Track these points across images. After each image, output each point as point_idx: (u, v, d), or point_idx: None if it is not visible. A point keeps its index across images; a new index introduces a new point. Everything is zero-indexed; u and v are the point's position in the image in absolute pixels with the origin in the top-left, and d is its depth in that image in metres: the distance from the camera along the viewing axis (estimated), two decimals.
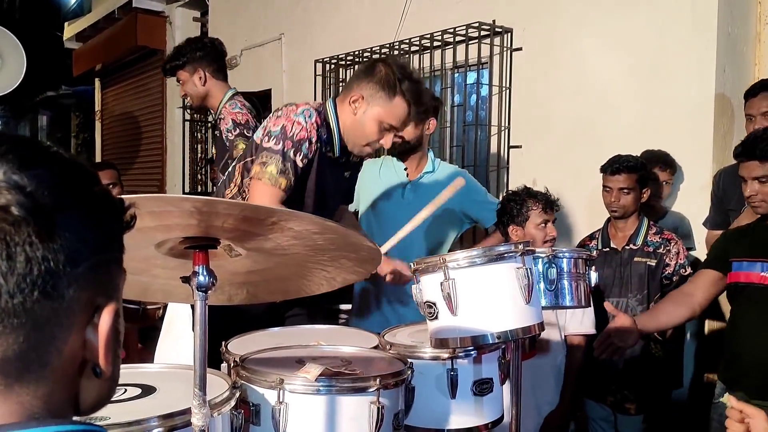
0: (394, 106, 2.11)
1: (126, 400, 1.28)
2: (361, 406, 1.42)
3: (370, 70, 2.15)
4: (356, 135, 2.16)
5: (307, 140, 2.07)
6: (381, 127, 2.13)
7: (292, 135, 2.06)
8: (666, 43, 3.34)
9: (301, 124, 2.08)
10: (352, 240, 1.06)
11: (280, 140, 2.06)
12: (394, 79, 2.09)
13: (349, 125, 2.16)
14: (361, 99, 2.12)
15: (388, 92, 2.10)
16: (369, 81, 2.12)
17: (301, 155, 2.07)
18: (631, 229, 2.88)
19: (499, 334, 1.43)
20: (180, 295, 1.31)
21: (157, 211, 0.93)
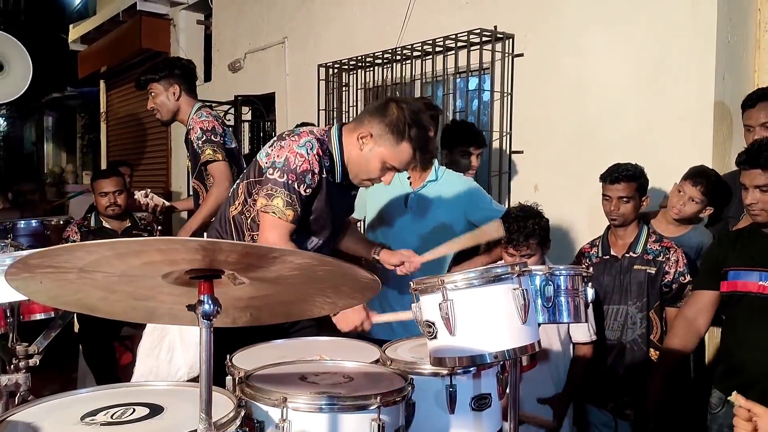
0: (400, 151, 2.17)
1: (135, 420, 1.32)
2: (362, 423, 1.46)
3: (383, 109, 2.20)
4: (359, 169, 2.23)
5: (310, 172, 2.14)
6: (384, 167, 2.20)
7: (295, 168, 2.12)
8: (666, 50, 3.36)
9: (304, 156, 2.14)
10: (349, 272, 1.10)
11: (284, 173, 2.12)
12: (404, 124, 2.14)
13: (354, 158, 2.22)
14: (369, 137, 2.18)
15: (397, 136, 2.15)
16: (380, 121, 2.17)
17: (304, 186, 2.14)
18: (631, 236, 2.91)
19: (497, 353, 1.46)
20: (186, 317, 1.35)
21: (164, 249, 0.97)
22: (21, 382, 1.54)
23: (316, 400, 1.46)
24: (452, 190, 3.00)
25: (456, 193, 2.98)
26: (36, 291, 1.13)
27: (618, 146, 3.41)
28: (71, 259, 0.99)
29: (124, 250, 0.96)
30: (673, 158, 3.30)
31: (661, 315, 2.85)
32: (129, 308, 1.29)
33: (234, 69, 6.90)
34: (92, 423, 1.31)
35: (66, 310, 1.71)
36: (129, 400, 1.44)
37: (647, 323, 2.84)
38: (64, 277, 1.09)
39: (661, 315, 2.85)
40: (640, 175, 2.88)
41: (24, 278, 1.06)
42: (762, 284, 2.36)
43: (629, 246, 2.89)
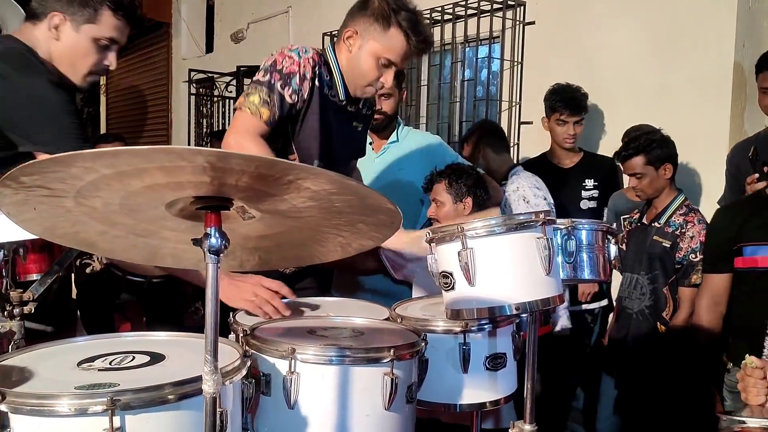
0: (390, 38, 1.97)
1: (135, 367, 1.25)
2: (374, 377, 1.39)
3: (363, 3, 2.02)
4: (354, 74, 2.04)
5: (298, 75, 1.94)
6: (378, 63, 2.00)
7: (282, 68, 1.93)
8: (684, 16, 3.26)
9: (293, 58, 1.95)
10: (371, 202, 1.01)
11: (268, 72, 1.94)
12: (389, 9, 1.96)
13: (346, 64, 2.04)
14: (355, 34, 2.00)
15: (383, 24, 1.96)
16: (362, 15, 1.99)
17: (289, 90, 1.94)
18: (662, 205, 2.84)
19: (518, 305, 1.38)
20: (190, 260, 1.27)
21: (169, 167, 0.88)
22: (15, 329, 1.46)
23: (325, 351, 1.38)
24: (415, 148, 2.88)
25: (419, 153, 2.87)
26: (30, 219, 1.04)
27: (632, 115, 3.32)
28: (66, 178, 0.90)
29: (124, 167, 0.87)
30: (690, 126, 3.22)
31: (675, 292, 2.78)
32: (130, 246, 1.20)
33: (237, 39, 6.78)
34: (89, 369, 1.23)
35: (63, 256, 1.63)
36: (128, 348, 1.37)
37: (656, 297, 2.77)
38: (61, 203, 1.00)
39: (675, 292, 2.78)
40: (647, 145, 2.78)
41: (16, 201, 0.97)
42: None
43: (657, 215, 2.83)
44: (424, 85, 4.57)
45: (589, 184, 3.36)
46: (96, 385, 1.12)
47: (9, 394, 1.04)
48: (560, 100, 3.31)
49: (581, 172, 3.40)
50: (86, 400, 1.04)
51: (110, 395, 1.03)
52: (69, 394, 1.05)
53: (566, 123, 3.32)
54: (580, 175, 3.39)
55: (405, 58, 2.03)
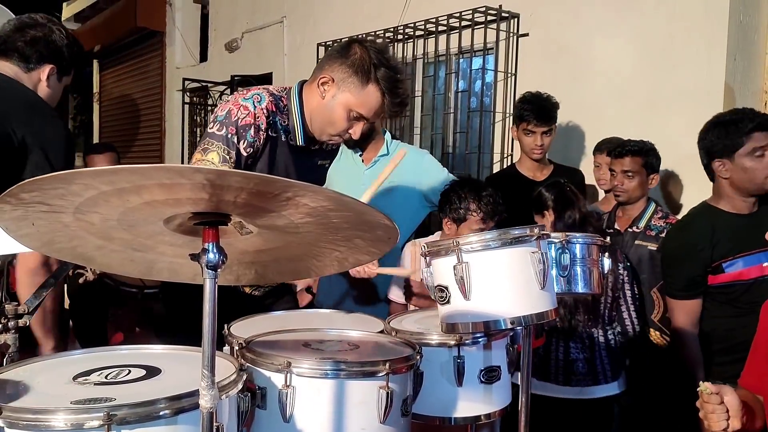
0: (367, 95, 1.89)
1: (131, 381, 1.24)
2: (369, 390, 1.39)
3: (344, 50, 1.93)
4: (323, 120, 1.96)
5: (253, 126, 1.89)
6: (350, 116, 1.92)
7: (236, 120, 1.88)
8: (676, 29, 3.29)
9: (248, 109, 1.89)
10: (368, 218, 1.02)
11: (223, 126, 1.88)
12: (369, 64, 1.88)
13: (315, 109, 1.96)
14: (330, 81, 1.91)
15: (362, 78, 1.88)
16: (342, 63, 1.90)
17: (245, 143, 1.88)
18: (636, 211, 2.86)
19: (513, 319, 1.40)
20: (187, 274, 1.27)
21: (168, 183, 0.89)
22: (10, 342, 1.46)
23: (321, 365, 1.39)
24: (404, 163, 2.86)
25: (408, 167, 2.81)
26: (28, 234, 1.05)
27: (624, 127, 3.33)
28: (66, 194, 0.91)
29: (124, 183, 0.88)
30: (681, 139, 3.23)
31: (664, 295, 2.79)
32: (127, 260, 1.21)
33: (231, 49, 6.79)
34: (85, 383, 1.23)
35: (58, 269, 1.63)
36: (124, 362, 1.37)
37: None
38: (59, 219, 1.01)
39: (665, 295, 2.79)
40: (648, 151, 2.82)
41: (15, 217, 0.97)
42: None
43: (633, 220, 2.84)
44: (418, 96, 4.59)
45: None
46: (92, 399, 1.12)
47: (5, 409, 1.04)
48: (528, 110, 3.11)
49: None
50: (82, 415, 1.04)
51: (106, 410, 1.03)
52: (65, 408, 1.05)
53: (534, 133, 3.11)
54: None
55: (377, 115, 1.97)
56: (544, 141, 3.15)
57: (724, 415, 1.49)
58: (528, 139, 3.15)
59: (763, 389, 1.72)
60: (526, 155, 3.24)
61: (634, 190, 2.81)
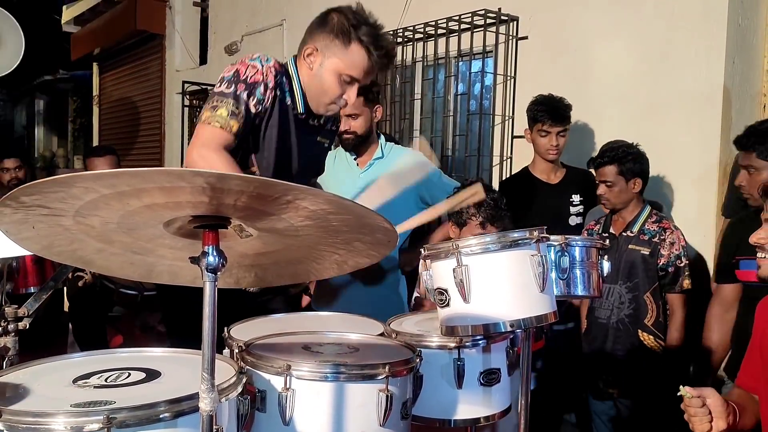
0: (351, 54, 1.92)
1: (131, 384, 1.25)
2: (369, 393, 1.39)
3: (322, 20, 1.97)
4: (316, 91, 1.98)
5: (263, 84, 1.88)
6: (340, 80, 1.94)
7: (246, 78, 1.88)
8: (675, 32, 3.29)
9: (257, 67, 1.89)
10: (367, 221, 1.02)
11: (232, 83, 1.87)
12: (348, 25, 1.92)
13: (308, 81, 1.98)
14: (315, 51, 1.94)
15: (343, 40, 1.91)
16: (322, 31, 1.94)
17: (254, 99, 1.88)
18: (630, 216, 2.87)
19: (512, 322, 1.40)
20: (186, 276, 1.27)
21: (168, 187, 0.89)
22: (10, 345, 1.46)
23: (321, 368, 1.39)
24: (400, 165, 2.83)
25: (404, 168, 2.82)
26: (28, 237, 1.05)
27: (623, 130, 3.34)
28: (66, 197, 0.91)
29: (124, 187, 0.88)
30: (680, 141, 3.25)
31: (658, 299, 2.79)
32: (126, 263, 1.21)
33: (231, 52, 6.80)
34: (85, 386, 1.23)
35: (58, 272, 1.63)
36: (123, 365, 1.37)
37: (636, 305, 2.78)
38: (59, 222, 1.01)
39: (659, 299, 2.80)
40: (623, 156, 2.81)
41: (15, 221, 0.97)
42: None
43: (627, 225, 2.85)
44: (417, 99, 4.59)
45: (575, 199, 3.26)
46: (92, 402, 1.12)
47: (5, 412, 1.04)
48: (543, 110, 3.18)
49: (568, 187, 3.28)
50: (82, 418, 1.04)
51: (106, 413, 1.04)
52: (65, 412, 1.06)
53: (549, 134, 3.17)
54: (568, 190, 3.27)
55: (367, 74, 1.99)
56: (559, 141, 3.21)
57: (706, 417, 1.55)
58: (543, 140, 3.20)
59: (758, 388, 1.74)
60: (540, 157, 3.28)
61: (616, 198, 2.84)
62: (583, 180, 3.27)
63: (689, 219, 3.16)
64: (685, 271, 2.76)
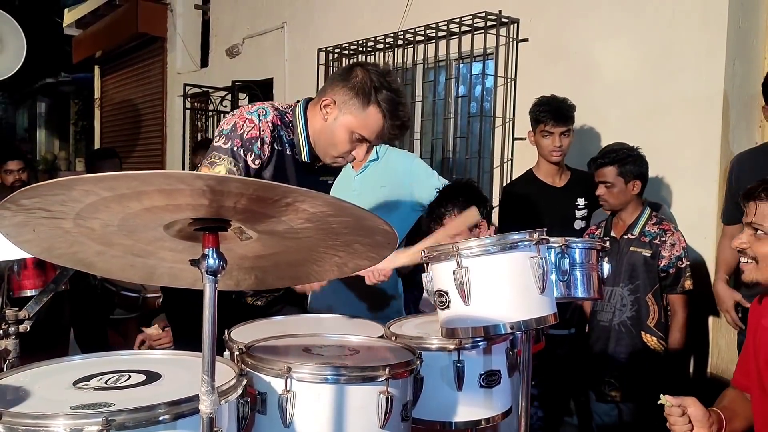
0: (368, 117, 1.91)
1: (131, 386, 1.25)
2: (369, 395, 1.39)
3: (346, 73, 1.96)
4: (325, 143, 1.98)
5: (259, 140, 1.91)
6: (352, 138, 1.94)
7: (242, 133, 1.90)
8: (675, 35, 3.30)
9: (254, 122, 1.91)
10: (367, 223, 1.02)
11: (229, 139, 1.89)
12: (371, 86, 1.90)
13: (318, 131, 1.99)
14: (332, 104, 1.94)
15: (363, 100, 1.90)
16: (344, 86, 1.93)
17: (252, 155, 1.90)
18: (630, 218, 2.88)
19: (512, 324, 1.40)
20: (187, 279, 1.27)
21: (168, 189, 0.89)
22: (10, 348, 1.47)
23: (321, 370, 1.39)
24: (394, 167, 2.89)
25: (399, 171, 2.87)
26: (29, 240, 1.05)
27: (624, 132, 3.34)
28: (67, 200, 0.91)
29: (124, 190, 0.88)
30: (680, 143, 3.25)
31: (659, 300, 2.80)
32: (127, 265, 1.21)
33: (232, 54, 6.81)
34: (85, 388, 1.23)
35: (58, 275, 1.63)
36: (124, 367, 1.37)
37: (638, 306, 2.79)
38: (59, 224, 1.01)
39: (660, 300, 2.80)
40: (623, 158, 2.82)
41: (15, 223, 0.98)
42: None
43: (627, 228, 2.86)
44: (418, 101, 4.59)
45: (580, 203, 3.20)
46: (91, 405, 1.13)
47: (5, 414, 1.04)
48: (545, 111, 3.10)
49: (573, 190, 3.21)
50: (81, 420, 1.05)
51: (105, 415, 1.04)
52: (64, 414, 1.06)
53: (552, 134, 3.09)
54: (573, 193, 3.20)
55: (379, 137, 1.99)
56: (563, 142, 3.13)
57: (687, 426, 1.57)
58: (546, 141, 3.13)
59: (750, 387, 1.75)
60: (544, 159, 3.22)
61: (615, 199, 2.85)
62: (588, 183, 3.18)
63: (689, 221, 3.16)
64: (687, 272, 2.77)
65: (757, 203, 1.68)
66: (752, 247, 1.68)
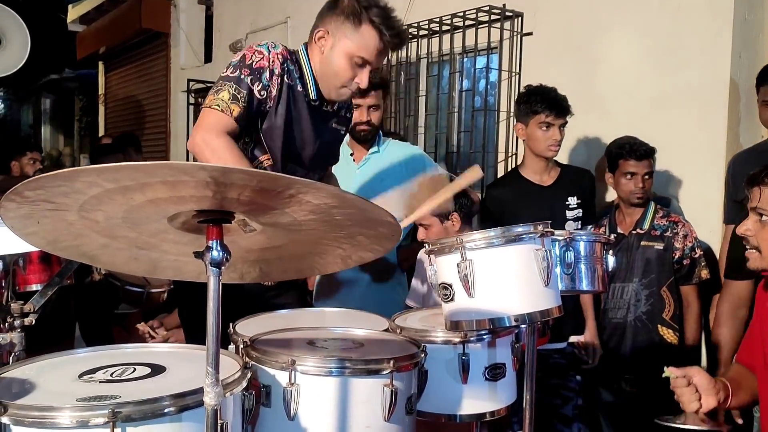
0: (363, 36, 1.90)
1: (136, 379, 1.25)
2: (374, 388, 1.39)
3: (333, 2, 1.96)
4: (328, 75, 1.97)
5: (268, 70, 1.89)
6: (352, 62, 1.93)
7: (251, 63, 1.88)
8: (681, 27, 3.28)
9: (263, 53, 1.90)
10: (371, 215, 1.02)
11: (237, 68, 1.88)
12: (359, 7, 1.90)
13: (319, 66, 1.97)
14: (326, 34, 1.94)
15: (354, 21, 1.89)
16: (332, 14, 1.93)
17: (259, 85, 1.88)
18: (638, 213, 2.87)
19: (517, 317, 1.39)
20: (191, 272, 1.28)
21: (171, 181, 0.89)
22: (16, 341, 1.47)
23: (325, 362, 1.39)
24: (396, 159, 2.89)
25: (400, 163, 2.87)
26: (33, 233, 1.05)
27: (629, 126, 3.33)
28: (70, 192, 0.91)
29: (127, 181, 0.88)
30: (686, 137, 3.24)
31: (674, 292, 2.79)
32: (131, 258, 1.21)
33: (235, 50, 6.80)
34: (91, 381, 1.24)
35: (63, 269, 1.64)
36: (129, 360, 1.37)
37: (654, 300, 2.78)
38: (64, 217, 1.01)
39: (674, 292, 2.80)
40: (652, 150, 2.86)
41: (20, 215, 0.98)
42: None
43: (636, 223, 2.86)
44: (422, 96, 4.59)
45: (572, 202, 2.87)
46: (97, 397, 1.13)
47: (11, 407, 1.05)
48: (544, 101, 2.82)
49: (562, 188, 2.90)
50: (87, 412, 1.05)
51: (111, 407, 1.04)
52: (70, 406, 1.06)
53: (552, 126, 2.79)
54: (562, 192, 2.89)
55: (379, 55, 1.97)
56: (562, 135, 2.87)
57: (694, 395, 1.58)
58: (545, 133, 2.81)
59: (755, 367, 1.75)
60: (535, 155, 2.89)
61: (650, 191, 2.85)
62: (579, 179, 2.94)
63: (696, 213, 3.15)
64: (701, 261, 2.77)
65: (761, 188, 1.67)
66: (756, 235, 1.67)
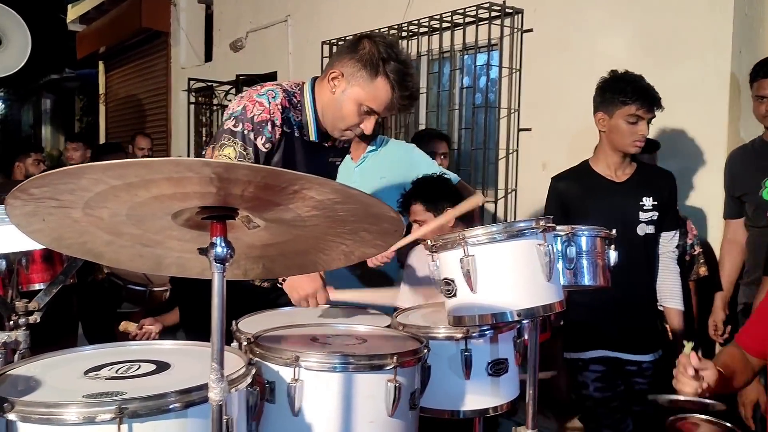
0: (376, 89, 1.90)
1: (141, 375, 1.26)
2: (378, 384, 1.40)
3: (353, 45, 1.94)
4: (333, 116, 1.98)
5: (269, 122, 1.91)
6: (360, 110, 1.93)
7: (252, 117, 1.90)
8: (681, 23, 3.28)
9: (264, 105, 1.91)
10: (374, 210, 1.02)
11: (239, 122, 1.89)
12: (379, 57, 1.88)
13: (326, 104, 1.98)
14: (340, 76, 1.93)
15: (370, 71, 1.88)
16: (351, 58, 1.92)
17: (263, 139, 1.90)
18: None
19: (519, 311, 1.40)
20: (195, 268, 1.28)
21: (176, 177, 0.90)
22: (21, 339, 1.48)
23: (329, 358, 1.40)
24: (393, 158, 2.90)
25: (398, 161, 2.88)
26: (38, 230, 1.06)
27: None
28: (76, 189, 0.92)
29: (132, 178, 0.89)
30: (687, 133, 3.24)
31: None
32: (136, 255, 1.22)
33: (235, 48, 6.81)
34: (96, 378, 1.24)
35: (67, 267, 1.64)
36: (134, 357, 1.38)
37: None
38: (69, 214, 1.02)
39: None
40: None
41: (26, 213, 0.98)
42: None
43: None
44: (423, 93, 4.59)
45: (647, 203, 2.52)
46: (103, 393, 1.14)
47: (18, 404, 1.05)
48: (634, 92, 2.44)
49: (637, 187, 2.55)
50: (94, 408, 1.05)
51: (118, 404, 1.05)
52: (77, 402, 1.07)
53: (642, 120, 2.44)
54: (636, 191, 2.54)
55: (387, 109, 1.97)
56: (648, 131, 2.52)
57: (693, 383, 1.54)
58: (634, 127, 2.46)
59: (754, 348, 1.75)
60: (613, 149, 2.55)
61: None
62: (658, 180, 2.60)
63: (697, 209, 3.15)
64: (700, 258, 2.78)
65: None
66: None
